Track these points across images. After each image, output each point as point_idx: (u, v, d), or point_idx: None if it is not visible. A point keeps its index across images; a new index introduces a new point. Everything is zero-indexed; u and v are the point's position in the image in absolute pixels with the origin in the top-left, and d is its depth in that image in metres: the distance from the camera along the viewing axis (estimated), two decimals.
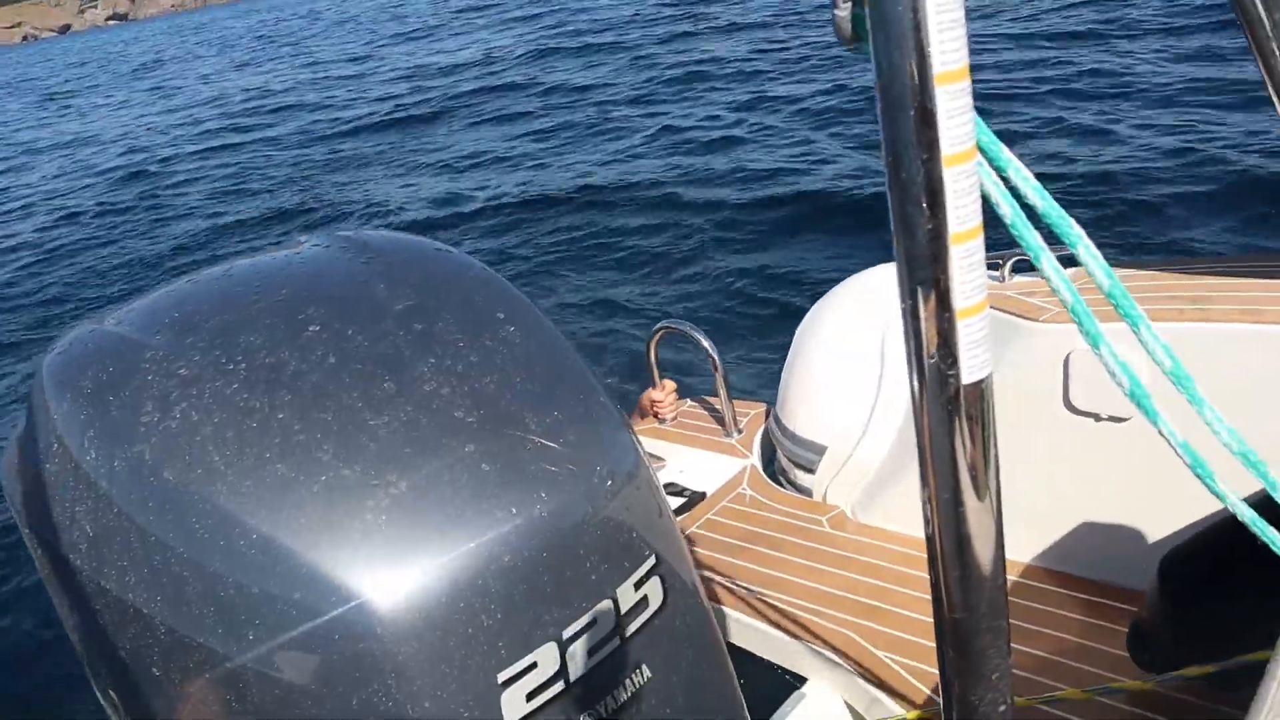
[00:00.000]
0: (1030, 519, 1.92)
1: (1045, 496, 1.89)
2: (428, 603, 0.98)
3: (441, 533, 1.01)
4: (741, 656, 2.04)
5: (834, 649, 1.91)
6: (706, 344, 2.89)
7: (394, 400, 1.11)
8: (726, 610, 2.09)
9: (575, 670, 1.05)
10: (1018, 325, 1.89)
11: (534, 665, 1.02)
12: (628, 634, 1.11)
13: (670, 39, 17.93)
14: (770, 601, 2.08)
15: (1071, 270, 1.80)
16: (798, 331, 2.67)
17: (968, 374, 0.58)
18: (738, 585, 2.17)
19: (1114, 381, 0.63)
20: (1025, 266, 2.11)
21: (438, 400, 1.12)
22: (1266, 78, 1.52)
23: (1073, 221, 0.60)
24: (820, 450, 2.44)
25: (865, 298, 2.49)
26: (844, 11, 0.56)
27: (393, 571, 0.98)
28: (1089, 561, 1.89)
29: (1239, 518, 0.67)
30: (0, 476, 1.29)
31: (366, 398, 1.11)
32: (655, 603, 1.15)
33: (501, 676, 1.00)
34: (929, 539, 0.67)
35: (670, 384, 3.29)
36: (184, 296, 1.35)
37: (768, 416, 2.84)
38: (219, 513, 1.00)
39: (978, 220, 0.56)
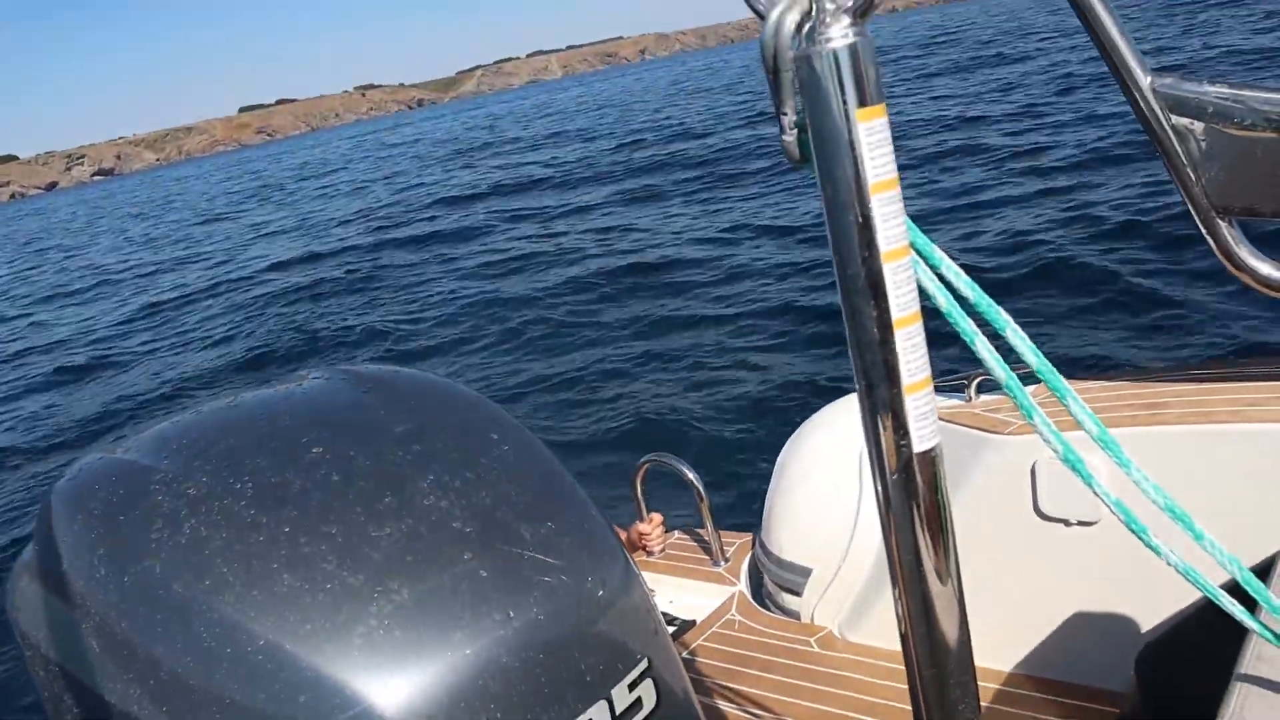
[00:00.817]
0: (1010, 626, 1.95)
1: (1023, 603, 1.93)
2: (430, 705, 1.01)
3: (442, 637, 1.05)
4: None
5: None
6: (691, 475, 2.95)
7: (395, 513, 1.17)
8: None
9: None
10: (985, 439, 1.97)
11: None
12: None
13: (646, 167, 18.82)
14: None
15: (1032, 387, 1.91)
16: (779, 458, 2.74)
17: (919, 443, 0.66)
18: (730, 710, 2.16)
19: (1049, 447, 0.70)
20: (990, 386, 2.22)
21: (436, 513, 1.18)
22: (1188, 202, 1.67)
23: (1000, 309, 0.70)
24: (805, 573, 2.47)
25: (843, 422, 2.57)
26: (791, 137, 0.67)
27: (396, 675, 1.02)
28: (1070, 665, 1.92)
29: (1176, 569, 0.74)
30: (5, 602, 1.32)
31: (369, 512, 1.16)
32: (649, 704, 1.18)
33: None
34: (896, 603, 0.73)
35: (657, 517, 3.33)
36: (190, 425, 1.42)
37: (754, 544, 2.88)
38: (226, 621, 1.04)
39: (916, 307, 0.65)
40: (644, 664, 1.19)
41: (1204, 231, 1.72)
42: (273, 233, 24.09)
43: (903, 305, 0.64)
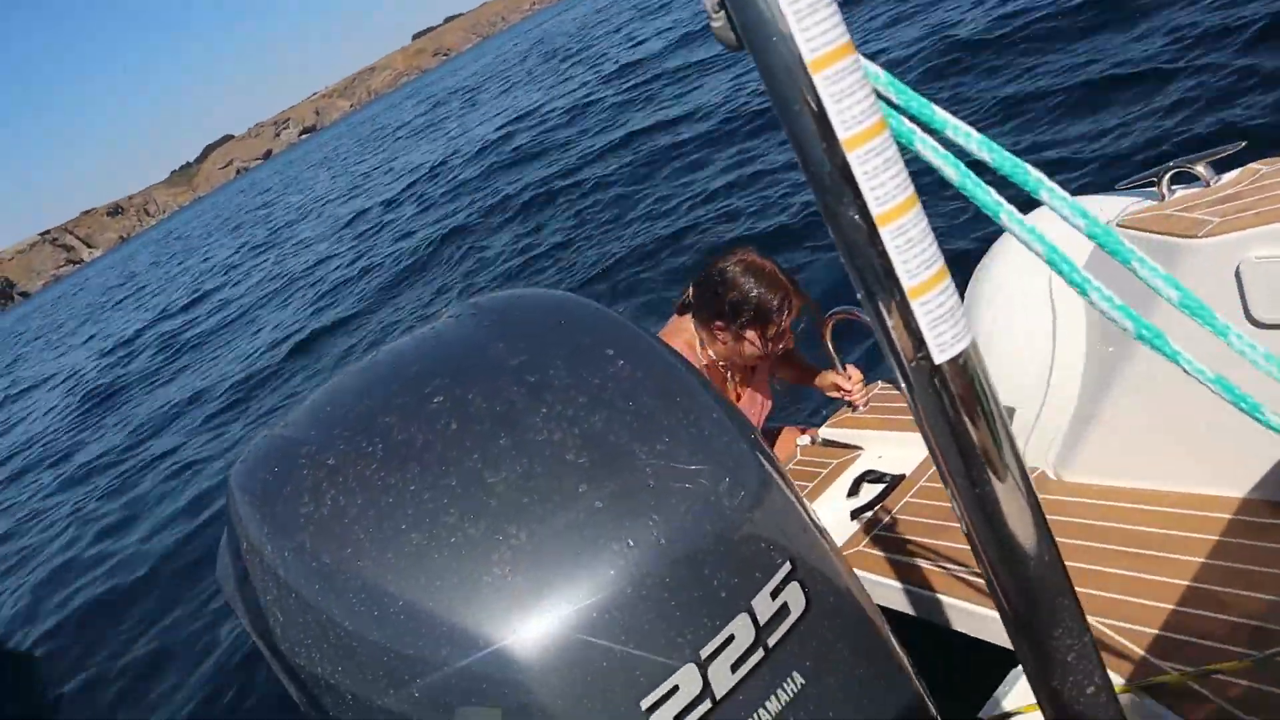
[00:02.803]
0: (1237, 450, 1.73)
1: (1247, 423, 1.69)
2: (559, 644, 1.02)
3: (565, 575, 1.06)
4: (950, 637, 1.96)
5: None
6: None
7: (510, 455, 1.17)
8: (931, 593, 2.02)
9: (720, 688, 1.06)
10: (1177, 246, 1.71)
11: (676, 688, 1.04)
12: (771, 644, 1.10)
13: None
14: (975, 578, 1.99)
15: (1234, 172, 1.63)
16: (965, 297, 2.54)
17: (938, 353, 0.56)
18: (941, 564, 2.09)
19: (1117, 326, 0.57)
20: (1187, 178, 1.91)
21: (550, 448, 1.17)
22: None
23: (1029, 167, 0.56)
24: (1009, 413, 2.31)
25: (1025, 250, 2.33)
26: (720, 22, 0.55)
27: (524, 618, 1.03)
28: None
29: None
30: (219, 578, 1.47)
31: (485, 457, 1.17)
32: (797, 609, 1.14)
33: (645, 704, 1.02)
34: (964, 530, 0.63)
35: (856, 371, 3.22)
36: (334, 391, 1.48)
37: None
38: (368, 586, 1.10)
39: (904, 195, 0.53)
40: (786, 568, 1.14)
41: None
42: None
43: (883, 197, 0.52)
